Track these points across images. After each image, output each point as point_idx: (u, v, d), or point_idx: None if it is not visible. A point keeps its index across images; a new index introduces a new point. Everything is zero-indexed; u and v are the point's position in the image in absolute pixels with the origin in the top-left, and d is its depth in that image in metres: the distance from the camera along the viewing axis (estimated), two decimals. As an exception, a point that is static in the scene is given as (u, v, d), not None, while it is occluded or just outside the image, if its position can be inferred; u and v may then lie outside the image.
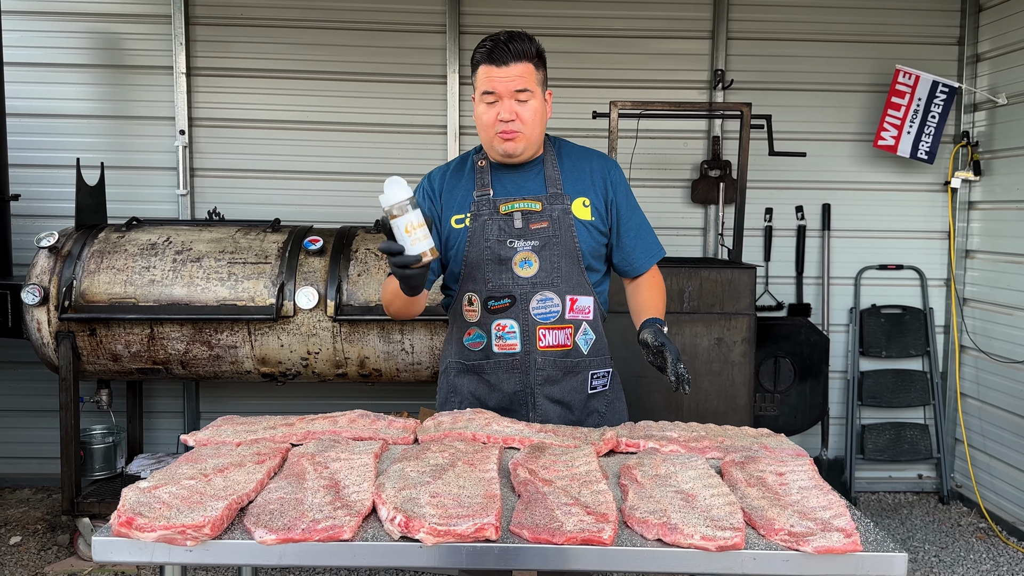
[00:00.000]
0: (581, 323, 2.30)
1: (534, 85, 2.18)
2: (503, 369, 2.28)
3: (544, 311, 2.26)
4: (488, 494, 1.63)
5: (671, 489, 1.70)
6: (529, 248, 2.24)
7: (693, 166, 4.70)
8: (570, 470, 1.79)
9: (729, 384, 3.53)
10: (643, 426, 2.15)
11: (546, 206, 2.26)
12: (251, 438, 2.01)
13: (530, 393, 2.27)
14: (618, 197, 2.35)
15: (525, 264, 2.24)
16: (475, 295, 2.27)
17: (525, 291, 2.24)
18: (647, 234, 2.42)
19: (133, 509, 1.49)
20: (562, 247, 2.25)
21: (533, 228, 2.25)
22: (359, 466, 1.79)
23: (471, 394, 2.33)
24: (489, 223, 2.25)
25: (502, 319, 2.26)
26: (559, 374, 2.29)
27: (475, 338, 2.29)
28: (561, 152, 2.36)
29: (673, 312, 3.51)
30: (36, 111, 4.46)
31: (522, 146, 2.21)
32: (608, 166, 2.38)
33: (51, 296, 3.54)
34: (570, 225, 2.26)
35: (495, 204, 2.26)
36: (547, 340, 2.27)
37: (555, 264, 2.25)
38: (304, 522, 1.51)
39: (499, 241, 2.24)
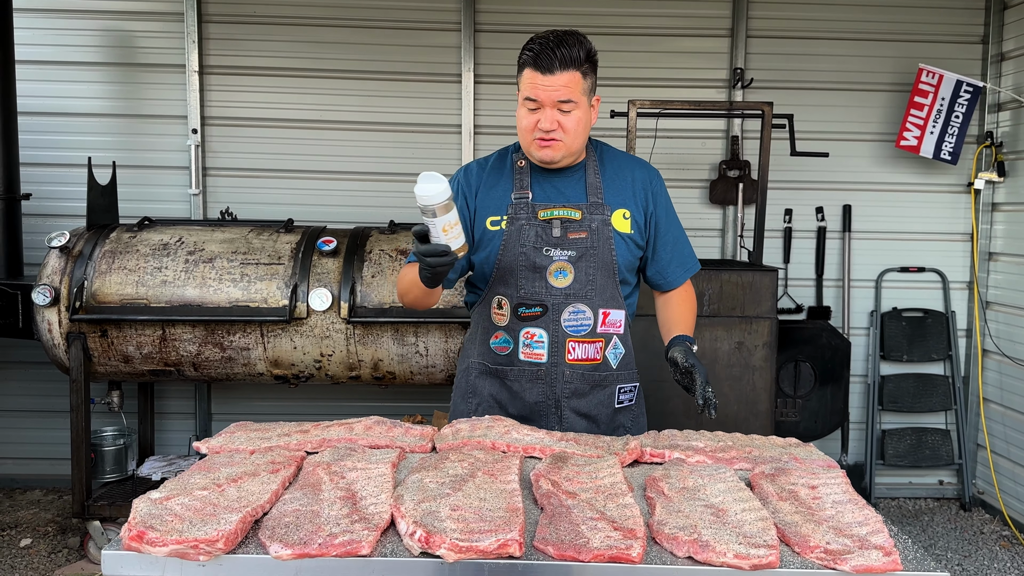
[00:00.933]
0: (612, 337, 2.26)
1: (579, 95, 2.09)
2: (527, 378, 2.23)
3: (575, 323, 2.21)
4: (510, 507, 1.57)
5: (700, 503, 1.64)
6: (565, 258, 2.18)
7: (711, 166, 4.63)
8: (594, 482, 1.73)
9: (750, 389, 3.46)
10: (667, 435, 2.08)
11: (586, 215, 2.19)
12: (265, 446, 1.96)
13: (555, 405, 2.23)
14: (658, 210, 2.28)
15: (560, 274, 2.19)
16: (505, 300, 2.22)
17: (558, 301, 2.19)
18: (683, 247, 2.35)
19: (144, 522, 1.44)
20: (599, 259, 2.19)
21: (571, 237, 2.18)
22: (376, 476, 1.74)
23: (491, 397, 2.27)
24: (526, 228, 2.18)
25: (531, 328, 2.21)
26: (587, 387, 2.24)
27: (502, 342, 2.24)
28: (603, 158, 2.28)
29: (693, 315, 3.44)
30: (47, 109, 4.43)
31: (561, 154, 2.14)
32: (651, 176, 2.30)
33: (62, 297, 3.51)
34: (609, 237, 2.19)
35: (534, 209, 2.19)
36: (576, 353, 2.22)
37: (591, 276, 2.19)
38: (321, 536, 1.45)
39: (535, 248, 2.18)
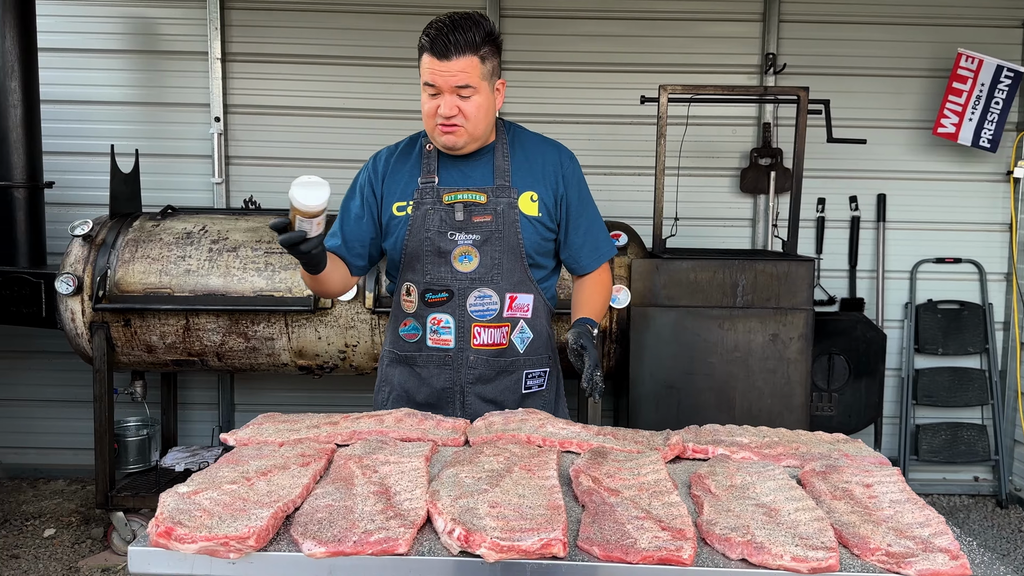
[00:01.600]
0: (519, 321, 2.22)
1: (478, 80, 2.04)
2: (434, 364, 2.21)
3: (481, 308, 2.18)
4: (551, 505, 1.50)
5: (750, 502, 1.56)
6: (470, 243, 2.15)
7: (742, 154, 4.53)
8: (637, 479, 1.65)
9: (784, 383, 3.37)
10: (710, 430, 2.00)
11: (491, 199, 2.16)
12: (294, 438, 1.90)
13: (460, 391, 2.21)
14: (569, 191, 2.24)
15: (465, 259, 2.16)
16: (413, 286, 2.20)
17: (463, 286, 2.16)
18: (598, 232, 2.31)
19: (172, 517, 1.38)
20: (504, 243, 2.15)
21: (476, 221, 2.15)
22: (410, 470, 1.67)
23: (400, 386, 2.26)
24: (431, 213, 2.15)
25: (438, 313, 2.18)
26: (492, 373, 2.21)
27: (410, 329, 2.22)
28: (514, 140, 2.24)
29: (726, 307, 3.35)
30: (70, 97, 4.40)
31: (463, 140, 2.11)
32: (563, 157, 2.26)
33: (85, 286, 3.47)
34: (515, 220, 2.16)
35: (438, 193, 2.16)
36: (481, 338, 2.19)
37: (496, 260, 2.16)
38: (355, 533, 1.39)
39: (439, 233, 2.15)
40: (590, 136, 4.50)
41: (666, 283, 3.37)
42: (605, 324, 3.49)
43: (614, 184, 4.52)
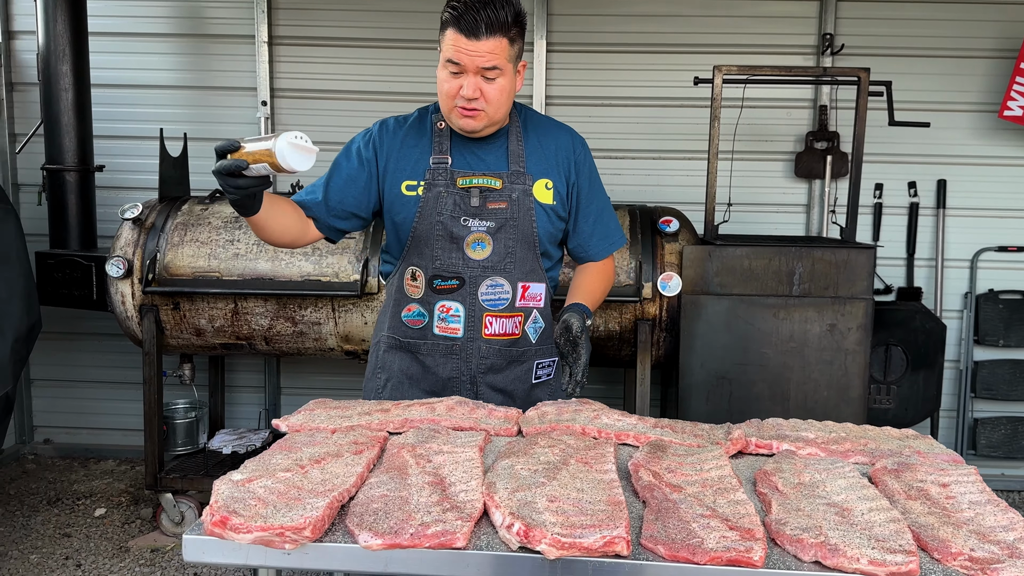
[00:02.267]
0: (532, 311, 2.16)
1: (505, 62, 1.95)
2: (440, 352, 2.13)
3: (493, 298, 2.11)
4: (612, 500, 1.45)
5: (821, 501, 1.49)
6: (484, 229, 2.07)
7: (797, 138, 4.39)
8: (700, 474, 1.59)
9: (841, 374, 3.27)
10: (773, 424, 1.93)
11: (506, 185, 2.08)
12: (346, 424, 1.87)
13: (470, 380, 2.14)
14: (581, 180, 2.16)
15: (478, 246, 2.08)
16: (420, 271, 2.11)
17: (475, 274, 2.09)
18: (608, 220, 2.24)
19: (227, 506, 1.36)
20: (519, 231, 2.08)
21: (490, 207, 2.07)
22: (464, 460, 1.63)
23: (402, 372, 2.17)
24: (444, 196, 2.06)
25: (447, 301, 2.11)
26: (503, 363, 2.15)
27: (415, 315, 2.14)
28: (527, 124, 2.15)
29: (782, 295, 3.26)
30: (120, 81, 4.43)
31: (483, 124, 2.02)
32: (576, 144, 2.18)
33: (135, 269, 3.49)
34: (529, 208, 2.09)
35: (452, 176, 2.07)
36: (493, 328, 2.12)
37: (510, 248, 2.09)
38: (412, 526, 1.35)
39: (453, 217, 2.07)
40: (640, 119, 4.40)
41: (719, 270, 3.28)
42: (655, 312, 3.41)
43: (665, 169, 4.42)
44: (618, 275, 3.39)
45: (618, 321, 3.42)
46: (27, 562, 3.42)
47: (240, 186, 1.75)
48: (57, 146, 3.79)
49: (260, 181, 1.77)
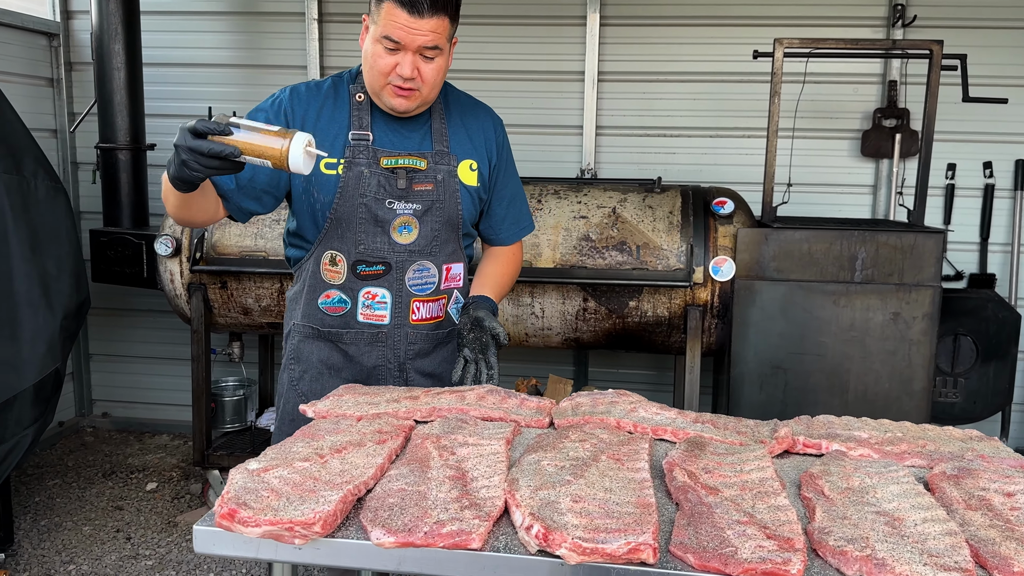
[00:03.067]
0: (453, 291, 2.10)
1: (444, 41, 1.86)
2: (365, 341, 2.03)
3: (421, 283, 2.02)
4: (641, 502, 1.36)
5: (870, 509, 1.37)
6: (410, 212, 1.97)
7: (864, 115, 4.18)
8: (740, 476, 1.49)
9: (905, 365, 3.09)
10: (823, 422, 1.81)
11: (431, 165, 1.98)
12: (373, 412, 1.81)
13: (398, 368, 2.07)
14: (500, 162, 2.07)
15: (404, 230, 1.98)
16: (340, 255, 1.99)
17: (402, 259, 1.99)
18: (520, 205, 2.15)
19: (238, 497, 1.31)
20: (444, 214, 1.99)
21: (416, 189, 1.96)
22: (489, 454, 1.56)
23: (321, 363, 2.06)
24: (367, 176, 1.94)
25: (373, 287, 2.00)
26: (430, 346, 2.09)
27: (335, 302, 2.02)
28: (449, 102, 2.04)
29: (843, 282, 3.09)
30: (171, 60, 4.46)
31: (416, 105, 1.91)
32: (496, 124, 2.09)
33: (183, 247, 3.51)
34: (455, 190, 1.99)
35: (375, 154, 1.95)
36: (420, 313, 2.04)
37: (435, 231, 2.00)
38: (427, 523, 1.28)
39: (377, 199, 1.95)
40: (696, 95, 4.24)
41: (776, 254, 3.13)
42: (707, 298, 3.28)
43: (720, 147, 4.26)
44: (667, 258, 3.27)
45: (667, 307, 3.31)
46: (80, 533, 3.50)
47: (215, 167, 1.61)
48: (110, 125, 3.83)
49: (234, 166, 1.64)
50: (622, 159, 4.29)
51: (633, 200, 3.40)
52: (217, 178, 1.86)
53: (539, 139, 4.30)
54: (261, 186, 1.92)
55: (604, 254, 3.31)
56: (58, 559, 3.28)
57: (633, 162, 4.28)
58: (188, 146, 1.58)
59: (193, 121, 1.61)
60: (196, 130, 1.59)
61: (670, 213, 3.33)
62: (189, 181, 1.65)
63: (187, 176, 1.63)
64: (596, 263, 3.30)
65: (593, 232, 3.34)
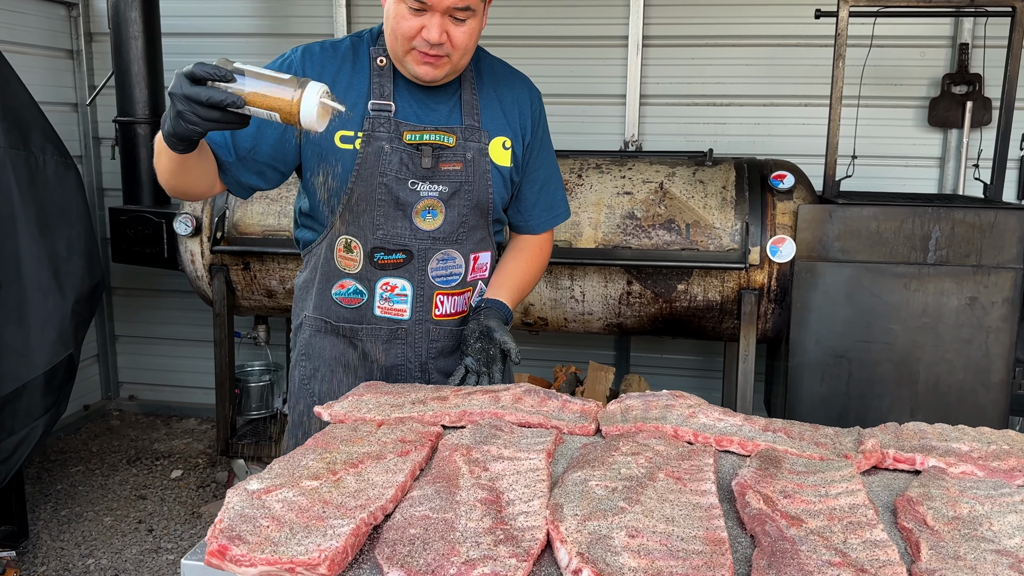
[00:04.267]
0: (478, 284, 1.89)
1: (477, 1, 1.60)
2: (383, 338, 1.82)
3: (445, 274, 1.80)
4: (711, 537, 1.13)
5: (988, 546, 1.14)
6: (435, 195, 1.74)
7: (932, 81, 3.86)
8: (825, 501, 1.26)
9: (982, 355, 2.82)
10: (914, 431, 1.56)
11: (460, 142, 1.74)
12: (396, 416, 1.61)
13: (419, 368, 1.87)
14: (534, 141, 1.83)
15: (428, 214, 1.75)
16: (356, 241, 1.77)
17: (424, 247, 1.77)
18: (555, 189, 1.91)
19: (232, 528, 1.11)
20: (473, 197, 1.76)
21: (443, 169, 1.73)
22: (527, 471, 1.35)
23: (334, 360, 1.84)
24: (388, 152, 1.70)
25: (392, 278, 1.78)
26: (453, 344, 1.87)
27: (350, 293, 1.80)
28: (481, 70, 1.80)
29: (915, 263, 2.82)
30: (192, 30, 4.27)
31: (444, 73, 1.68)
32: (534, 97, 1.85)
33: (203, 227, 3.33)
34: (486, 171, 1.76)
35: (398, 128, 1.71)
36: (444, 308, 1.83)
37: (463, 217, 1.77)
38: (455, 564, 1.07)
39: (399, 179, 1.72)
40: (750, 60, 3.95)
41: (840, 233, 2.86)
42: (763, 281, 3.02)
43: (776, 117, 3.96)
44: (720, 238, 3.01)
45: (719, 290, 3.05)
46: (101, 524, 3.38)
47: (213, 119, 1.38)
48: (128, 98, 3.66)
49: (238, 120, 1.42)
50: (669, 130, 4.02)
51: (682, 174, 3.14)
52: (215, 147, 1.66)
53: (579, 109, 4.04)
54: (264, 158, 1.71)
55: (650, 233, 3.06)
56: (76, 552, 3.16)
57: (681, 133, 4.01)
58: (184, 94, 1.37)
59: (191, 65, 1.38)
60: (194, 75, 1.36)
61: (723, 188, 3.07)
62: (186, 137, 1.43)
63: (183, 131, 1.41)
64: (641, 243, 3.06)
65: (638, 209, 3.09)
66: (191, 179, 1.64)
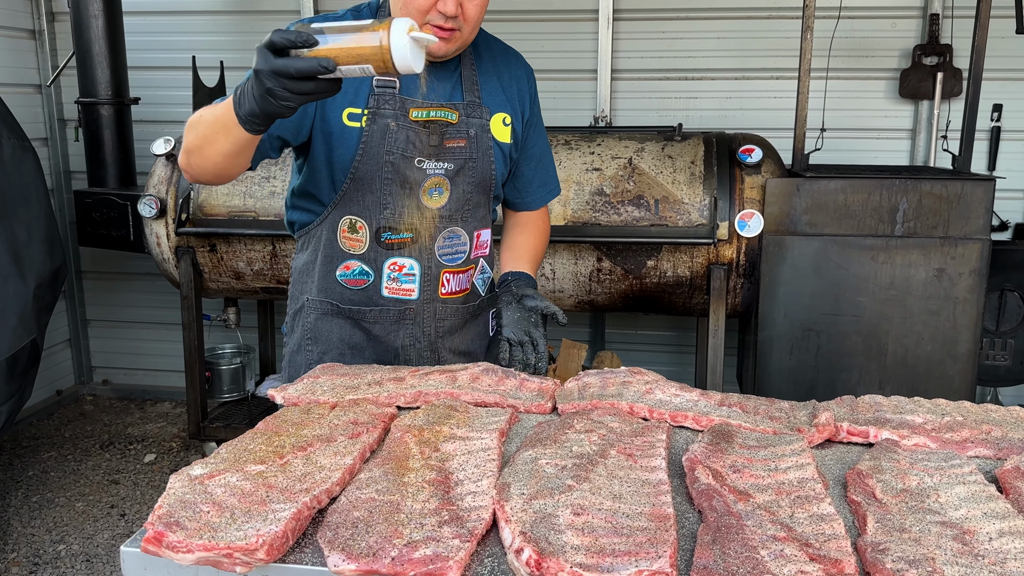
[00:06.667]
0: (479, 261, 1.89)
1: None
2: (391, 318, 1.80)
3: (451, 252, 1.80)
4: (657, 513, 1.13)
5: (934, 518, 1.14)
6: (442, 172, 1.73)
7: (902, 52, 3.84)
8: (774, 475, 1.25)
9: (949, 326, 2.83)
10: (869, 404, 1.56)
11: (463, 118, 1.73)
12: (350, 398, 1.59)
13: (429, 347, 1.86)
14: (532, 117, 1.84)
15: (435, 192, 1.74)
16: (361, 221, 1.75)
17: (431, 226, 1.75)
18: (548, 165, 1.92)
19: (170, 515, 1.10)
20: (477, 174, 1.76)
21: (448, 146, 1.72)
22: (478, 450, 1.34)
23: (342, 342, 1.83)
24: (395, 130, 1.69)
25: (400, 258, 1.77)
26: (460, 322, 1.89)
27: (356, 274, 1.78)
28: (478, 46, 1.78)
29: (883, 236, 2.82)
30: (154, 8, 4.18)
31: (455, 47, 1.67)
32: (529, 74, 1.85)
33: (168, 208, 3.29)
34: (488, 147, 1.75)
35: (403, 105, 1.69)
36: (450, 286, 1.84)
37: (467, 194, 1.78)
38: (396, 546, 1.06)
39: (405, 157, 1.70)
40: (720, 34, 3.91)
41: (808, 206, 2.86)
42: (732, 255, 3.02)
43: (748, 91, 3.94)
44: (689, 213, 3.00)
45: (688, 266, 3.04)
46: (73, 510, 3.35)
47: (306, 92, 1.31)
48: (90, 78, 3.59)
49: (330, 87, 1.34)
50: (640, 105, 3.99)
51: (651, 150, 3.11)
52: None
53: (551, 85, 4.00)
54: (277, 130, 1.63)
55: (620, 209, 3.04)
56: (48, 538, 3.13)
57: (652, 108, 3.98)
58: (272, 69, 1.29)
59: (268, 35, 1.31)
60: (276, 45, 1.29)
61: (692, 163, 3.05)
62: (275, 115, 1.37)
63: (272, 108, 1.34)
64: (611, 219, 3.04)
65: (607, 186, 3.07)
66: (244, 161, 1.58)
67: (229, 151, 1.50)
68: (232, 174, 1.62)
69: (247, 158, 1.58)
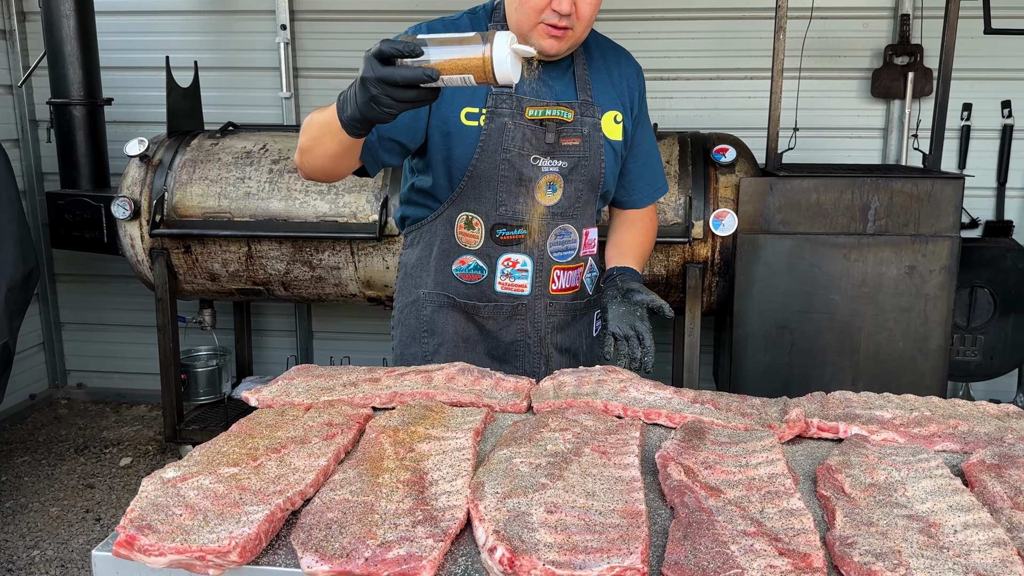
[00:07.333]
0: (589, 260, 1.92)
1: None
2: (504, 313, 1.83)
3: (562, 249, 1.83)
4: (629, 510, 1.14)
5: (900, 511, 1.16)
6: (556, 170, 1.76)
7: (874, 52, 3.89)
8: (745, 471, 1.27)
9: (920, 322, 2.87)
10: (839, 400, 1.58)
11: (577, 117, 1.75)
12: (325, 399, 1.59)
13: (538, 343, 1.88)
14: (640, 115, 1.86)
15: (550, 189, 1.77)
16: (477, 218, 1.78)
17: (545, 222, 1.78)
18: (656, 163, 1.93)
19: (142, 518, 1.09)
20: (588, 172, 1.81)
21: (564, 144, 1.75)
22: (453, 450, 1.34)
23: (457, 335, 1.86)
24: (512, 129, 1.72)
25: (514, 254, 1.80)
26: (568, 319, 1.91)
27: (471, 269, 1.82)
28: (589, 45, 1.80)
29: (854, 234, 2.86)
30: (127, 8, 4.14)
31: (568, 46, 1.69)
32: (638, 71, 1.87)
33: (142, 209, 3.26)
34: (599, 146, 1.78)
35: (520, 104, 1.72)
36: (560, 282, 1.86)
37: (579, 192, 1.81)
38: (370, 547, 1.07)
39: (522, 155, 1.73)
40: (696, 34, 3.94)
41: (781, 205, 2.89)
42: (707, 254, 3.04)
43: (721, 90, 3.97)
44: (664, 212, 3.02)
45: (664, 264, 3.07)
46: (47, 515, 3.32)
47: (408, 100, 1.38)
48: (62, 79, 3.56)
49: (430, 95, 1.41)
50: (615, 105, 4.01)
51: (626, 149, 3.13)
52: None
53: (526, 86, 4.01)
54: (397, 135, 1.71)
55: (595, 209, 3.06)
56: (22, 544, 3.10)
57: (627, 108, 4.00)
58: (378, 76, 1.35)
59: (377, 44, 1.36)
60: (384, 54, 1.35)
61: (667, 163, 3.07)
62: (377, 120, 1.44)
63: (375, 115, 1.41)
64: (587, 218, 3.06)
65: (583, 185, 3.08)
66: (351, 161, 1.66)
67: (335, 152, 1.59)
68: (341, 173, 1.71)
69: (353, 159, 1.66)
